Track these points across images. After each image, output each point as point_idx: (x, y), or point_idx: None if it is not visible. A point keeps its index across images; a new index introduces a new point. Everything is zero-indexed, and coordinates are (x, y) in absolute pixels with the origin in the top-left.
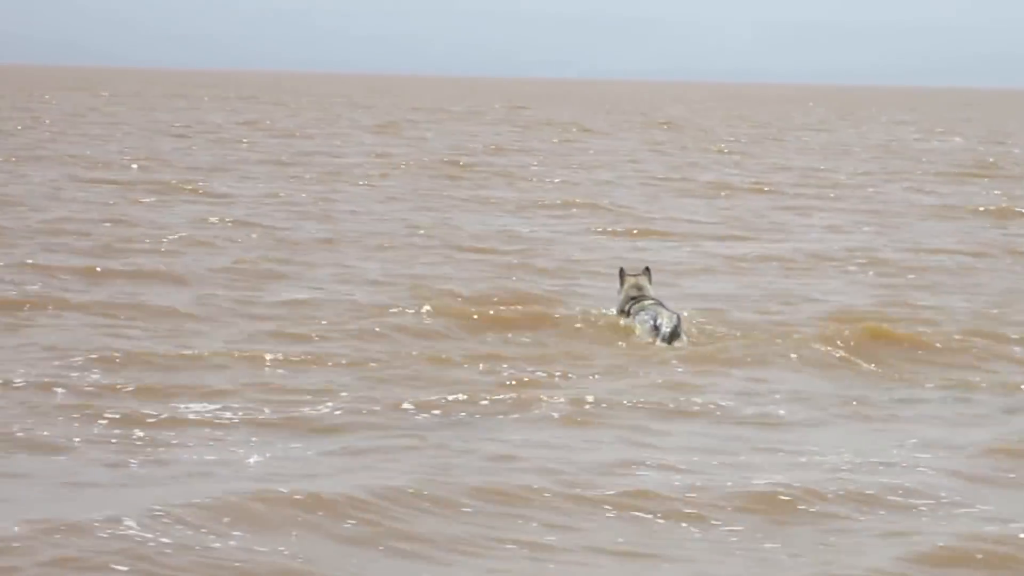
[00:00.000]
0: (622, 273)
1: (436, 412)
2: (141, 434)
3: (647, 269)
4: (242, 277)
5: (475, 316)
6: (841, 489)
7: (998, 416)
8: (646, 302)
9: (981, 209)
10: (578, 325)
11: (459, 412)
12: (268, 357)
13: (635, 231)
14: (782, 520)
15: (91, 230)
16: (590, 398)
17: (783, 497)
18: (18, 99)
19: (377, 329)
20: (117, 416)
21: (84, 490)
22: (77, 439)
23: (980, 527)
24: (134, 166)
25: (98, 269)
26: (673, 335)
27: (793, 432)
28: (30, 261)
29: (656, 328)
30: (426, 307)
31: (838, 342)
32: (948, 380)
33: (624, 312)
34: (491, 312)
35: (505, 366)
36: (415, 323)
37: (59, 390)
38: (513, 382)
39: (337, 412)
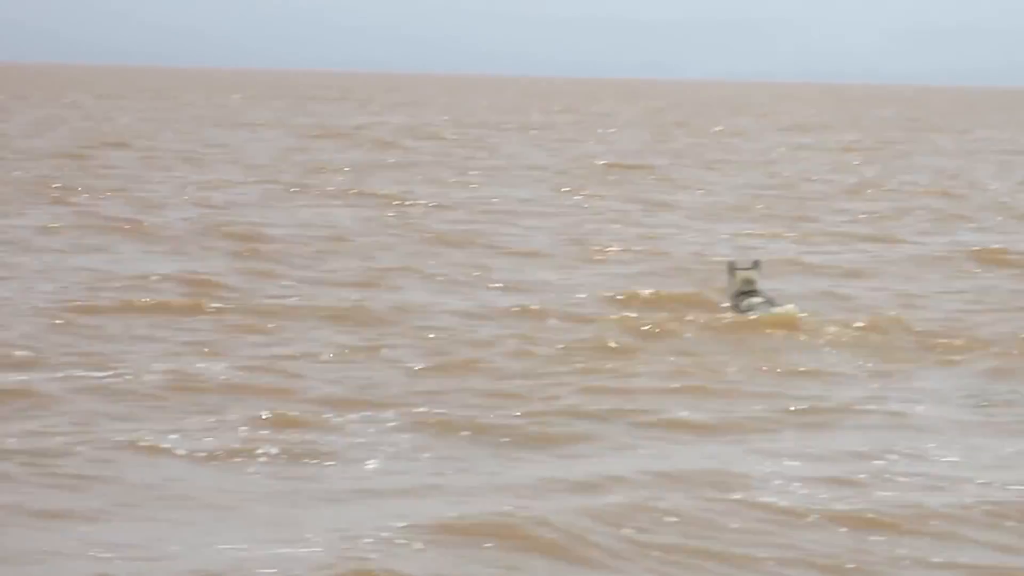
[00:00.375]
0: (731, 267)
1: (587, 419)
2: (315, 443)
3: (757, 263)
4: (411, 281)
5: (622, 319)
6: (975, 505)
7: None
8: (754, 299)
9: None
10: (719, 328)
11: (605, 417)
12: (418, 367)
13: (781, 232)
14: (894, 530)
15: (252, 232)
16: (730, 405)
17: (904, 507)
18: (142, 99)
19: (537, 334)
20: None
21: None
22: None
23: None
24: (283, 168)
25: (262, 270)
26: None
27: (925, 440)
28: (178, 262)
29: None
30: (584, 312)
31: (977, 347)
32: None
33: (734, 307)
34: (633, 314)
35: (642, 369)
36: (575, 328)
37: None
38: (649, 389)
39: (514, 419)
